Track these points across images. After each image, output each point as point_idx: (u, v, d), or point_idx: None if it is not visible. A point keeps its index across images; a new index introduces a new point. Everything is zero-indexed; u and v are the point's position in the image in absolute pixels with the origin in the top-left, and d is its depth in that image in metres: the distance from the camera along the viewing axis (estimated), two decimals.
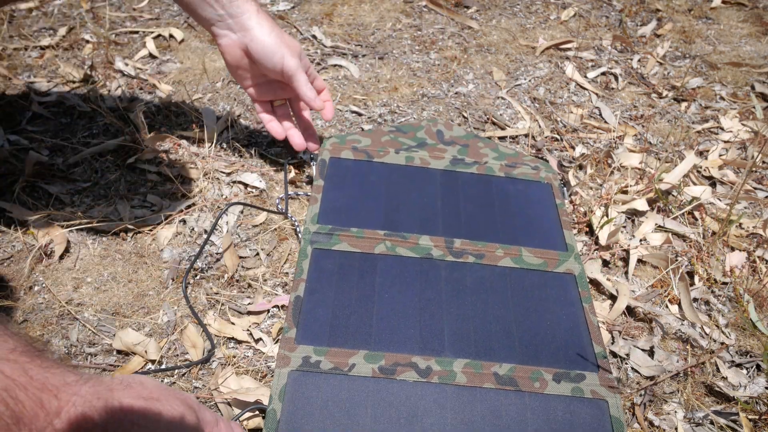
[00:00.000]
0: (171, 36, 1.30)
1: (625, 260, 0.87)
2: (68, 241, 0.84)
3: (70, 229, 0.85)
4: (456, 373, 0.67)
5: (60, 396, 0.42)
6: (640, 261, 0.88)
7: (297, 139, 0.93)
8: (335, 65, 1.25)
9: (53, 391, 0.42)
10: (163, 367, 0.70)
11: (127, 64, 1.20)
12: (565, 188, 0.95)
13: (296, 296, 0.73)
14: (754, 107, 1.18)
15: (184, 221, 0.89)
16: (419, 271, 0.78)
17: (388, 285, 0.76)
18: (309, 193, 0.92)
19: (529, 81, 1.24)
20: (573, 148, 1.07)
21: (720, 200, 0.98)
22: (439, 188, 0.89)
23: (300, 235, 0.85)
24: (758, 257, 0.88)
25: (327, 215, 0.83)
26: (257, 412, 0.66)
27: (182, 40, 1.29)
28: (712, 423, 0.69)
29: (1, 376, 0.40)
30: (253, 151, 1.02)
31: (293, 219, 0.89)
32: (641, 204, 0.94)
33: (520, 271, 0.79)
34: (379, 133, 0.98)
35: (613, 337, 0.78)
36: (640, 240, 0.90)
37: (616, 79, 1.26)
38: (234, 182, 0.96)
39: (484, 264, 0.79)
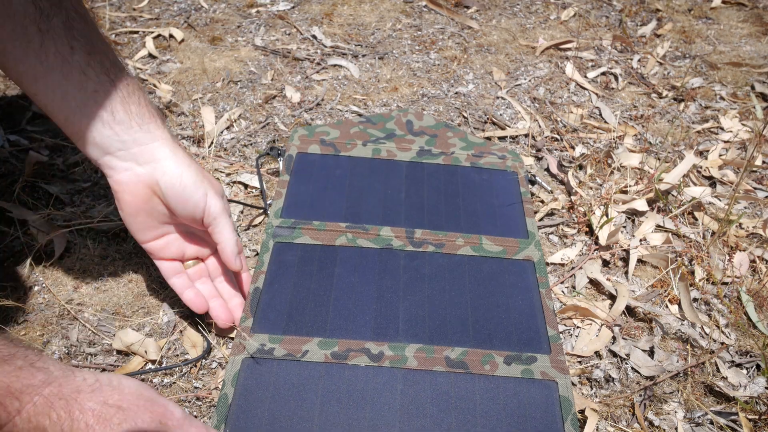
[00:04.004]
0: (171, 36, 1.30)
1: (625, 260, 0.87)
2: (68, 241, 0.84)
3: (70, 229, 0.85)
4: (408, 357, 0.69)
5: (21, 398, 0.45)
6: (640, 261, 0.88)
7: (222, 313, 0.71)
8: (335, 65, 1.25)
9: (15, 394, 0.45)
10: (163, 366, 0.70)
11: (126, 64, 1.20)
12: (535, 177, 0.96)
13: (255, 288, 0.75)
14: (754, 107, 1.18)
15: None
16: (378, 260, 0.79)
17: (347, 275, 0.77)
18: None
19: (529, 81, 1.24)
20: (573, 148, 1.07)
21: (720, 200, 0.98)
22: (404, 180, 0.91)
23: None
24: (758, 257, 0.88)
25: (290, 209, 0.85)
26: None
27: (182, 40, 1.29)
28: (712, 423, 0.69)
29: None
30: (253, 151, 1.02)
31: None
32: (641, 204, 0.94)
33: (479, 258, 0.80)
34: (348, 124, 0.99)
35: (613, 337, 0.78)
36: (640, 240, 0.90)
37: (616, 79, 1.26)
38: (234, 182, 0.96)
39: (443, 253, 0.81)
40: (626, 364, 0.75)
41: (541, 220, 0.93)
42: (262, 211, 0.91)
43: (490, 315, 0.74)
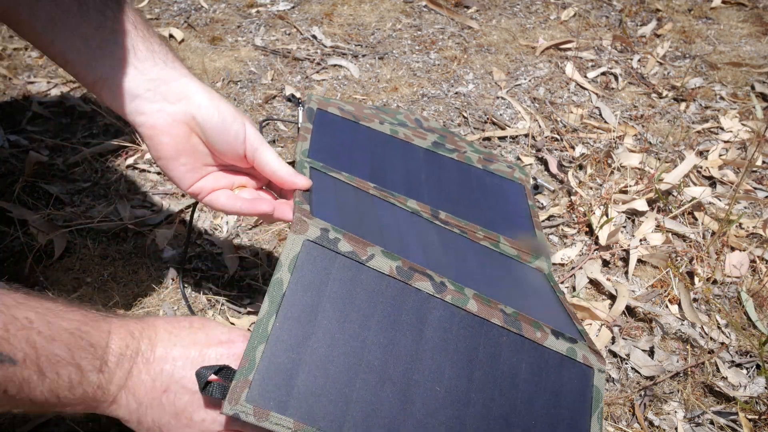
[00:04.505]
0: (171, 36, 1.30)
1: (625, 260, 0.87)
2: (68, 241, 0.84)
3: (70, 229, 0.85)
4: (468, 298, 0.63)
5: (100, 326, 0.50)
6: (640, 261, 0.88)
7: (288, 209, 0.67)
8: (335, 65, 1.25)
9: (95, 326, 0.50)
10: None
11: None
12: (536, 190, 0.96)
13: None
14: (754, 107, 1.18)
15: (184, 221, 0.89)
16: (412, 221, 0.75)
17: (386, 216, 0.72)
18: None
19: (529, 81, 1.24)
20: (573, 148, 1.07)
21: (720, 200, 0.98)
22: (423, 164, 0.88)
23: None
24: (758, 257, 0.88)
25: (317, 154, 0.77)
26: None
27: (182, 40, 1.29)
28: (712, 423, 0.69)
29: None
30: None
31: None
32: (641, 204, 0.94)
33: (500, 254, 0.79)
34: (361, 106, 0.98)
35: (613, 337, 0.78)
36: (640, 240, 0.90)
37: (616, 79, 1.26)
38: None
39: (468, 238, 0.79)
40: (626, 364, 0.75)
41: (541, 221, 0.93)
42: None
43: (521, 300, 0.72)
